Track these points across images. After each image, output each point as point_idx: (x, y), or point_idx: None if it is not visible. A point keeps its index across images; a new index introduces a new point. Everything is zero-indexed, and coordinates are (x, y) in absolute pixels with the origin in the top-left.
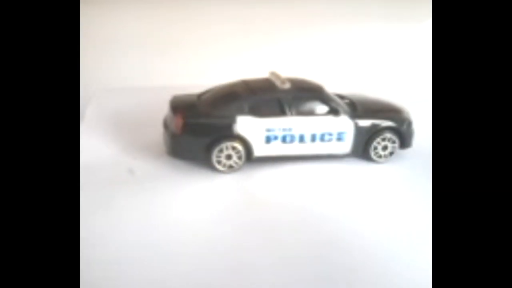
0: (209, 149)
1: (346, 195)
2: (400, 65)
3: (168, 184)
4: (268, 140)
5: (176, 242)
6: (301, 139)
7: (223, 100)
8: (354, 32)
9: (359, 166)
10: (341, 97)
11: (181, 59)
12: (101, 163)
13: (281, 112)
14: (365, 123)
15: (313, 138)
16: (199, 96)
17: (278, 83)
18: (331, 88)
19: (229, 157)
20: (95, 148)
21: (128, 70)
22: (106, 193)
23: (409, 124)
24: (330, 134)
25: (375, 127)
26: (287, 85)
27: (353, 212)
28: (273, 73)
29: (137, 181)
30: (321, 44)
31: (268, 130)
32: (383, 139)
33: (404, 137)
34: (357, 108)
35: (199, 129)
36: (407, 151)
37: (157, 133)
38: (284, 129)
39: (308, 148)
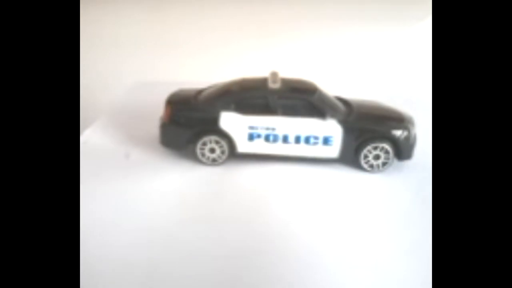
0: (193, 141)
1: (321, 201)
2: (402, 66)
3: (154, 170)
4: (251, 137)
5: (146, 221)
6: (285, 139)
7: (212, 96)
8: (359, 34)
9: (348, 174)
10: (342, 100)
11: (188, 59)
12: (104, 148)
13: (267, 111)
14: (355, 128)
15: (298, 140)
16: (199, 91)
17: (269, 82)
18: (335, 89)
19: (212, 150)
20: (102, 135)
21: (132, 69)
22: (100, 173)
23: (408, 134)
24: (316, 137)
25: (366, 134)
26: (277, 85)
27: (322, 220)
28: (272, 73)
29: (130, 164)
30: (328, 45)
31: (251, 128)
32: (375, 148)
33: (400, 148)
34: (353, 113)
35: (185, 121)
36: (408, 163)
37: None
38: (267, 128)
39: (292, 149)
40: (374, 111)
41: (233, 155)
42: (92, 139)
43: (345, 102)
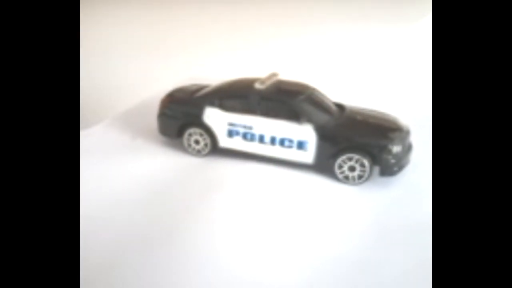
0: (181, 132)
1: (275, 205)
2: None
3: (144, 154)
4: (230, 133)
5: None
6: (261, 139)
7: (204, 91)
8: (358, 33)
9: (321, 183)
10: (339, 106)
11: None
12: (115, 134)
13: (247, 110)
14: (330, 136)
15: (273, 141)
16: (202, 86)
17: (257, 83)
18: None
19: (197, 142)
20: (122, 124)
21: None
22: (104, 153)
23: (389, 149)
24: (291, 141)
25: (340, 142)
26: (262, 86)
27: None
28: (269, 74)
29: (129, 148)
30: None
31: (230, 124)
32: (350, 159)
33: (379, 163)
34: (338, 120)
35: (174, 113)
36: (400, 180)
37: None
38: (244, 126)
39: (267, 150)
40: (366, 120)
41: (216, 149)
42: (105, 129)
43: (342, 109)
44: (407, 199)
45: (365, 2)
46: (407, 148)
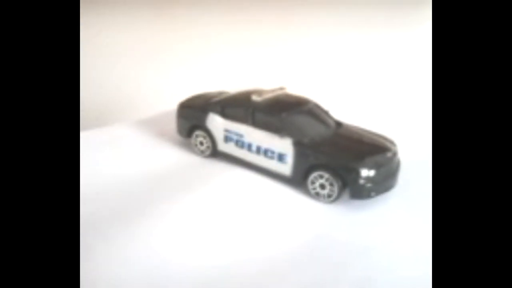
0: (190, 133)
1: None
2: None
3: (156, 150)
4: (226, 139)
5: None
6: (249, 147)
7: (214, 99)
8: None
9: (296, 197)
10: (337, 123)
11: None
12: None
13: (241, 119)
14: (304, 152)
15: (258, 150)
16: (219, 94)
17: (255, 95)
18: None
19: (201, 143)
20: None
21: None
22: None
23: (357, 172)
24: (272, 152)
25: (311, 159)
26: (258, 98)
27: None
28: (278, 87)
29: (149, 144)
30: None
31: (226, 131)
32: (321, 176)
33: (348, 185)
34: (321, 137)
35: (185, 115)
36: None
37: None
38: (237, 134)
39: (254, 158)
40: (353, 139)
41: (216, 152)
42: (130, 127)
43: (338, 126)
44: (370, 223)
45: (364, 9)
46: (391, 172)
